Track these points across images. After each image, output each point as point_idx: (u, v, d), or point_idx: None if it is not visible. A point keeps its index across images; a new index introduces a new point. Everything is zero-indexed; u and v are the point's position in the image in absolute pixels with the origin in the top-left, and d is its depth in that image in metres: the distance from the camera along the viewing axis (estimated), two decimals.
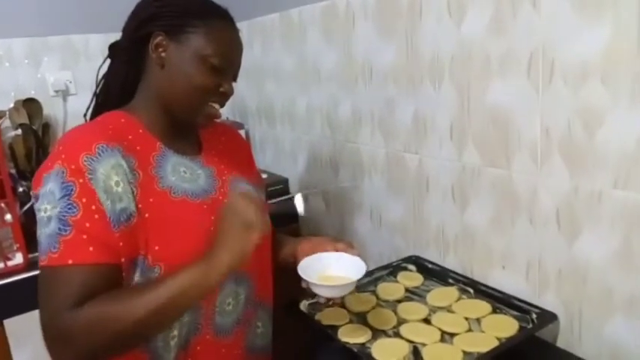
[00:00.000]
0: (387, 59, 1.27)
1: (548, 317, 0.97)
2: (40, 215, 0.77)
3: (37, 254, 1.39)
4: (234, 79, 0.92)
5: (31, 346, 1.37)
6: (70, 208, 0.74)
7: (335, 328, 1.01)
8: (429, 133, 1.19)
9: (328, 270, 0.92)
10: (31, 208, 1.57)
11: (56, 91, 1.89)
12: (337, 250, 0.95)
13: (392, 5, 1.22)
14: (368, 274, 1.20)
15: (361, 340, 0.97)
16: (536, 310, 0.98)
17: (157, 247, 0.80)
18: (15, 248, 1.39)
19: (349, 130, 1.47)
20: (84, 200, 0.75)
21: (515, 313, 1.01)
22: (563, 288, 0.97)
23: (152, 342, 0.83)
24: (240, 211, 0.75)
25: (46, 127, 1.82)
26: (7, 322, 1.33)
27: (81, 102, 1.94)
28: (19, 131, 1.70)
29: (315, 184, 1.71)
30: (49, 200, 0.76)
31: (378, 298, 1.12)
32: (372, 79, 1.33)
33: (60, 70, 1.89)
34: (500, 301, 1.05)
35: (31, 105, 1.76)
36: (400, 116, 1.27)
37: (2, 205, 1.39)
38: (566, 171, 0.91)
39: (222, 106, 0.91)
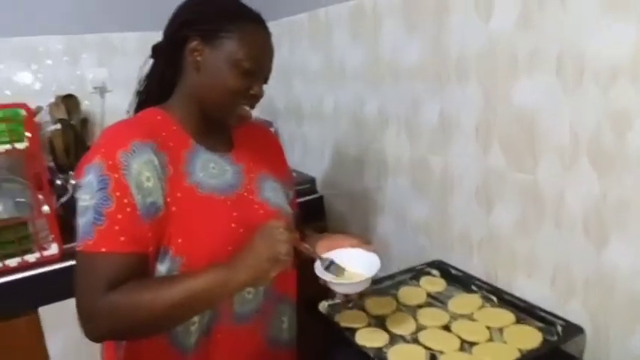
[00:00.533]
0: (413, 58, 1.25)
1: (573, 330, 0.93)
2: (80, 204, 0.83)
3: (72, 245, 1.46)
4: (265, 81, 0.94)
5: (64, 333, 1.42)
6: (105, 201, 0.80)
7: (353, 330, 1.00)
8: (455, 133, 1.16)
9: (345, 266, 0.93)
10: (69, 200, 1.63)
11: (95, 88, 1.95)
12: (353, 246, 0.96)
13: (418, 2, 1.19)
14: (390, 277, 1.20)
15: (378, 344, 0.96)
16: (562, 322, 0.94)
17: (180, 240, 0.84)
18: (50, 239, 1.45)
19: (375, 129, 1.45)
20: (117, 194, 0.80)
21: (540, 324, 0.97)
22: (590, 298, 0.92)
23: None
24: (275, 243, 0.79)
25: (85, 122, 1.89)
26: (42, 310, 1.39)
27: (118, 98, 2.00)
28: (59, 126, 1.77)
29: (341, 184, 1.70)
30: (88, 191, 0.82)
31: (398, 302, 1.11)
32: (399, 77, 1.31)
33: (97, 67, 1.95)
34: (525, 311, 1.01)
35: (69, 101, 1.82)
36: (426, 116, 1.24)
37: (40, 196, 1.44)
38: (594, 176, 0.86)
39: (252, 107, 0.94)
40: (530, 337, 0.93)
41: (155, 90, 0.97)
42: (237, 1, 0.94)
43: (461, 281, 1.16)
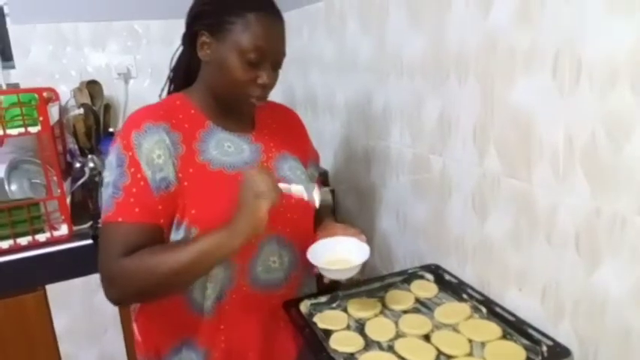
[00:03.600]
0: (416, 52, 1.18)
1: (559, 352, 0.85)
2: (103, 180, 0.93)
3: (83, 226, 1.51)
4: (275, 68, 0.96)
5: (70, 311, 1.49)
6: (122, 176, 0.88)
7: (329, 332, 0.97)
8: (453, 133, 1.10)
9: (337, 254, 0.99)
10: (85, 183, 1.69)
11: (119, 74, 2.00)
12: (349, 236, 1.01)
13: None
14: (380, 278, 1.16)
15: (351, 349, 0.92)
16: (548, 342, 0.87)
17: (193, 211, 0.90)
18: (61, 220, 1.50)
19: (381, 125, 1.40)
20: (132, 170, 0.88)
21: (526, 342, 0.90)
22: (580, 321, 0.85)
23: (190, 291, 0.97)
24: (252, 183, 0.85)
25: (108, 107, 1.95)
26: (49, 288, 1.46)
27: (141, 85, 2.05)
28: (81, 110, 1.83)
29: (350, 179, 1.66)
30: (109, 168, 0.92)
31: (384, 305, 1.07)
32: (403, 72, 1.25)
33: (122, 54, 2.00)
34: (513, 326, 0.94)
35: (93, 86, 1.88)
36: (427, 114, 1.18)
37: (55, 178, 1.50)
38: (588, 189, 0.79)
39: (264, 96, 0.97)
40: (513, 355, 0.87)
41: (182, 77, 1.04)
42: None
43: (453, 288, 1.10)
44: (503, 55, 0.92)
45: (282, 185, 0.89)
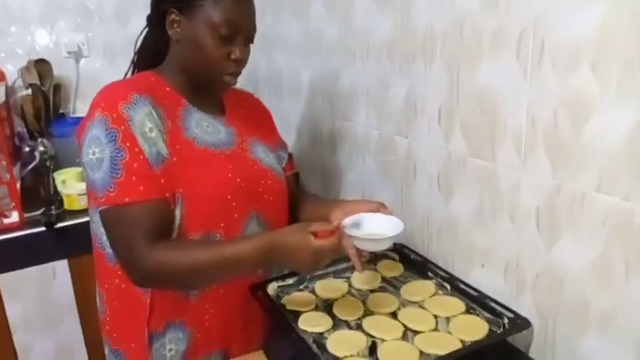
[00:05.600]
0: (383, 33, 1.18)
1: (520, 324, 0.89)
2: (89, 158, 0.85)
3: (32, 214, 1.44)
4: (247, 43, 0.95)
5: (24, 300, 1.43)
6: (118, 152, 0.83)
7: (298, 314, 0.98)
8: (419, 115, 1.11)
9: (367, 229, 0.93)
10: (35, 168, 1.61)
11: (69, 53, 1.90)
12: (372, 211, 0.97)
13: None
14: (347, 259, 1.16)
15: (319, 329, 0.93)
16: (509, 315, 0.91)
17: (180, 190, 0.89)
18: (11, 206, 1.43)
19: (347, 106, 1.40)
20: (128, 144, 0.84)
21: (488, 315, 0.94)
22: (540, 294, 0.89)
23: None
24: (320, 262, 0.86)
25: (58, 87, 1.85)
26: (1, 277, 1.39)
27: (93, 64, 1.95)
28: (29, 91, 1.73)
29: (315, 161, 1.65)
30: (96, 144, 0.84)
31: (350, 285, 1.08)
32: (370, 53, 1.25)
33: (73, 31, 1.90)
34: (476, 301, 0.98)
35: (42, 65, 1.78)
36: (393, 95, 1.19)
37: (3, 163, 1.42)
38: (549, 167, 0.82)
39: (238, 72, 0.96)
40: (477, 328, 0.90)
41: (149, 58, 1.01)
42: None
43: (418, 267, 1.13)
44: (470, 37, 0.94)
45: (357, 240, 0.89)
